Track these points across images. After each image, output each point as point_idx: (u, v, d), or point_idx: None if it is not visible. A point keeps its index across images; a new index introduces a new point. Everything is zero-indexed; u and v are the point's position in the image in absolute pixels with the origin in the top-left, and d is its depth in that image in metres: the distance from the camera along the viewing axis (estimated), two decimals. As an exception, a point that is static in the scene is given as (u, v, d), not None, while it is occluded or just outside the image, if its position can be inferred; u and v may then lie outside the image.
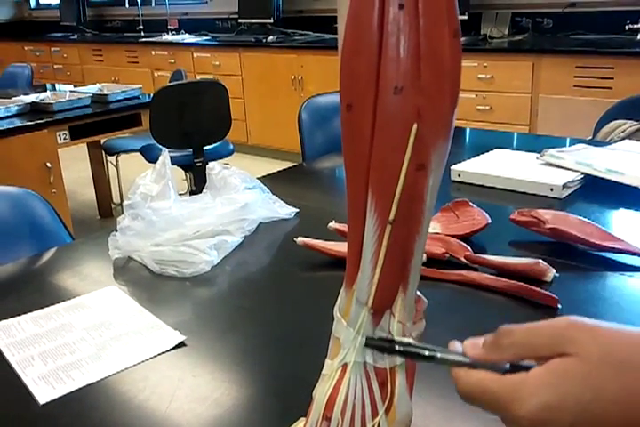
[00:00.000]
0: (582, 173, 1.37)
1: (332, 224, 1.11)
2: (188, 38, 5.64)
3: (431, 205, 0.37)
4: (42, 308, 0.96)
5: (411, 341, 0.39)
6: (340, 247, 1.07)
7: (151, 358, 0.81)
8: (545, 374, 0.38)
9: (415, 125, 0.33)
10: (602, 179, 1.35)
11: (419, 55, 0.32)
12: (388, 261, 0.36)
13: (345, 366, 0.37)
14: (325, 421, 0.37)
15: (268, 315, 0.93)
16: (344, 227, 1.11)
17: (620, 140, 1.77)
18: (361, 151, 0.36)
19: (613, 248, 1.01)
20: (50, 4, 7.66)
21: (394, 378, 0.37)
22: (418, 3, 0.32)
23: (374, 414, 0.37)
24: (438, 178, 0.37)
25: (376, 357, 0.37)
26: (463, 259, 1.01)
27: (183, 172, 3.28)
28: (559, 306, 0.87)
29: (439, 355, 0.40)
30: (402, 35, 0.32)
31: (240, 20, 5.33)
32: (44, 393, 0.74)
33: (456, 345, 0.42)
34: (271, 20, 5.04)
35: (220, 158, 3.25)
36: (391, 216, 0.36)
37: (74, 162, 3.96)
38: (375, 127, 0.34)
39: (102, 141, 3.56)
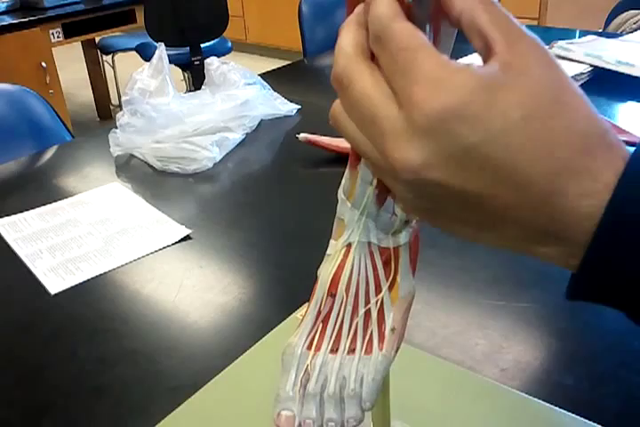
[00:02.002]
0: (591, 66, 1.33)
1: None
2: None
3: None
4: (46, 204, 0.97)
5: None
6: (344, 143, 1.06)
7: (158, 250, 0.83)
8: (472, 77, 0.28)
9: None
10: (611, 71, 1.31)
11: None
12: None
13: (349, 245, 0.37)
14: (330, 297, 0.38)
15: (271, 210, 0.94)
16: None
17: (632, 32, 1.71)
18: None
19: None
20: None
21: (397, 257, 0.37)
22: None
23: (378, 291, 0.38)
24: None
25: (380, 237, 0.37)
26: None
27: (181, 71, 3.21)
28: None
29: None
30: None
31: None
32: (55, 284, 0.76)
33: None
34: None
35: (218, 56, 3.16)
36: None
37: (70, 63, 3.87)
38: None
39: (97, 40, 3.45)
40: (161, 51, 1.14)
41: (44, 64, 2.73)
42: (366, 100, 0.30)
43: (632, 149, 0.29)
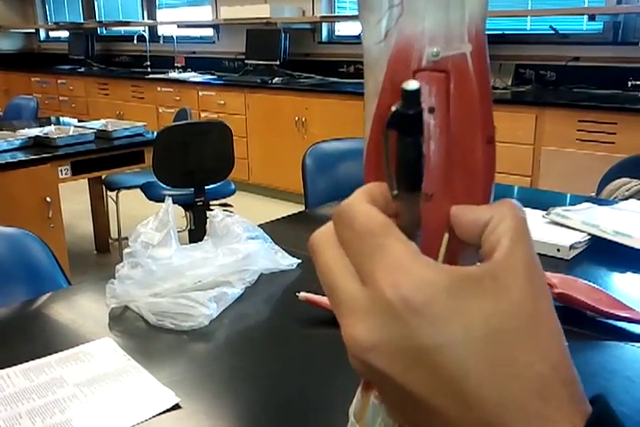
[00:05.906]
0: (589, 234, 1.35)
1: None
2: (194, 76, 5.70)
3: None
4: (33, 359, 0.93)
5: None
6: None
7: (144, 421, 0.78)
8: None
9: (447, 235, 0.31)
10: (609, 240, 1.33)
11: (450, 161, 0.31)
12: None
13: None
14: None
15: (266, 376, 0.90)
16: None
17: (625, 199, 1.76)
18: None
19: (623, 317, 0.99)
20: (59, 37, 7.77)
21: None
22: (449, 106, 0.30)
23: None
24: None
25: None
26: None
27: (183, 210, 3.27)
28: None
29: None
30: (432, 140, 0.31)
31: (247, 61, 5.40)
32: (30, 457, 0.71)
33: None
34: (277, 63, 5.10)
35: (221, 198, 3.24)
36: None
37: (73, 194, 3.94)
38: None
39: (103, 177, 3.56)
40: (168, 204, 1.16)
41: (48, 199, 2.78)
42: (327, 272, 0.30)
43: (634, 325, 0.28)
